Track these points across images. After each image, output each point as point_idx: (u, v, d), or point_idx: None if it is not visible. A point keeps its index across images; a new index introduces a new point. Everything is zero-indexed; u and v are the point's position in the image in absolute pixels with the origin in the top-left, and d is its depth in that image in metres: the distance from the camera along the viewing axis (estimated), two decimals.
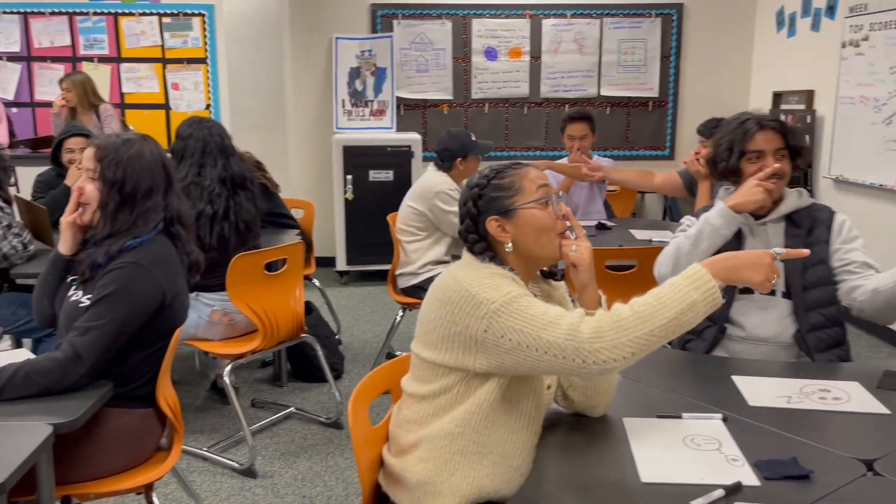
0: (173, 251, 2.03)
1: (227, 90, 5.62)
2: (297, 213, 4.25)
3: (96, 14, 5.69)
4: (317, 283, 4.33)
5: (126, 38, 5.74)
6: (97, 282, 1.89)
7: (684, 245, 2.18)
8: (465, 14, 6.00)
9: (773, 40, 5.83)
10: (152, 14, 5.71)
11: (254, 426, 3.29)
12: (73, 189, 1.99)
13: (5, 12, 5.65)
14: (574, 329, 1.37)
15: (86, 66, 5.67)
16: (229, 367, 2.95)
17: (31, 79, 5.76)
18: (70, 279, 2.02)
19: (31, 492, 1.66)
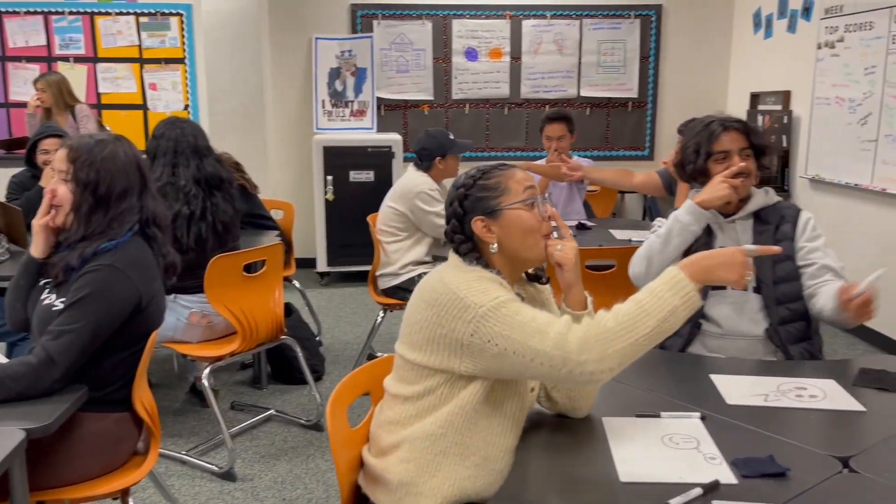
0: (149, 253, 2.01)
1: (205, 90, 5.58)
2: (276, 214, 4.23)
3: (72, 13, 5.62)
4: (297, 284, 4.30)
5: (102, 37, 5.67)
6: (71, 285, 1.87)
7: (656, 244, 2.25)
8: (446, 15, 5.99)
9: (750, 41, 5.89)
10: (129, 14, 5.65)
11: (233, 429, 3.26)
12: (46, 191, 1.96)
13: None
14: (562, 339, 1.36)
15: (61, 66, 5.60)
16: (208, 370, 2.93)
17: (6, 79, 5.67)
18: (43, 282, 1.99)
19: (4, 498, 1.64)
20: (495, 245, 1.53)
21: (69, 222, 1.94)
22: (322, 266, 5.74)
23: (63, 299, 1.87)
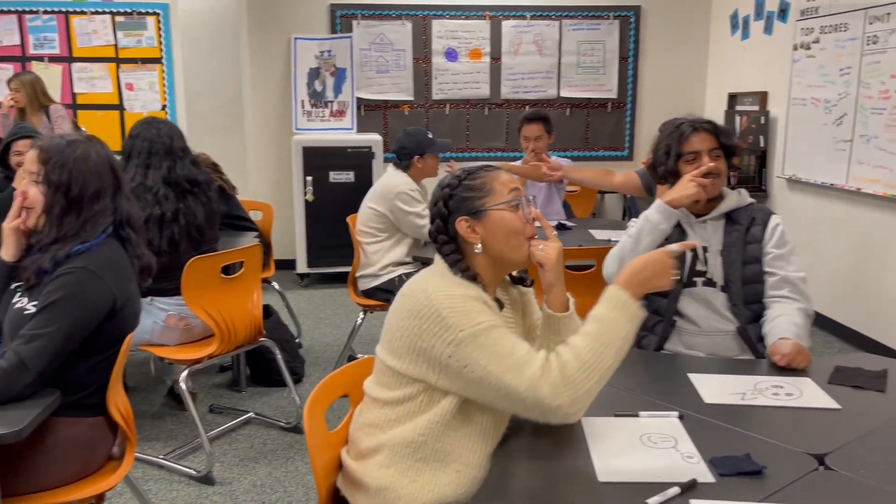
0: (124, 255, 1.98)
1: (183, 91, 5.53)
2: (255, 216, 4.20)
3: (46, 12, 5.55)
4: (276, 286, 4.27)
5: (78, 36, 5.60)
6: (43, 288, 1.83)
7: (627, 244, 2.28)
8: (425, 15, 5.99)
9: (727, 43, 5.94)
10: (105, 13, 5.58)
11: (212, 432, 3.23)
12: (16, 193, 1.92)
13: None
14: (535, 383, 1.37)
15: (36, 66, 5.52)
16: (185, 373, 2.90)
17: None
18: (14, 286, 1.95)
19: None
20: (479, 246, 1.53)
21: (41, 224, 1.91)
22: (302, 267, 5.71)
23: (35, 303, 1.84)
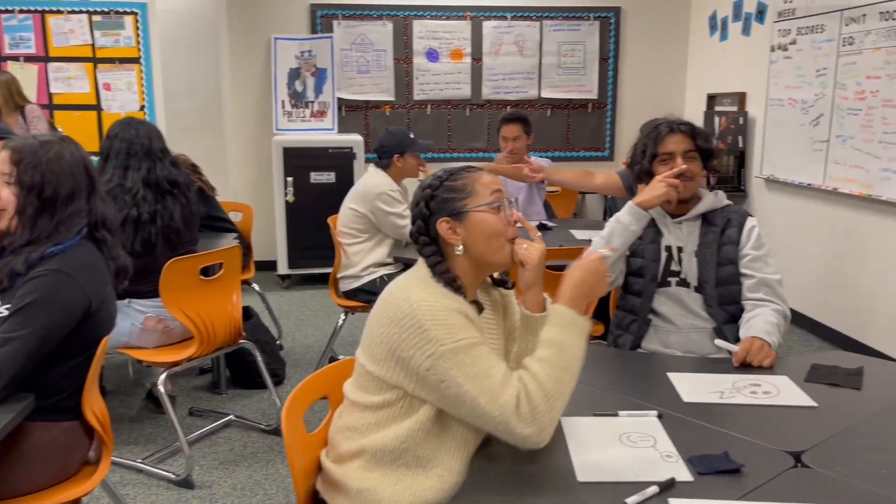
0: (99, 257, 1.95)
1: (161, 91, 5.48)
2: (235, 217, 4.17)
3: (22, 11, 5.47)
4: (257, 287, 4.25)
5: (54, 36, 5.52)
6: (16, 291, 1.80)
7: (598, 245, 2.28)
8: (406, 15, 5.98)
9: (706, 44, 5.99)
10: (81, 12, 5.51)
11: (191, 435, 3.20)
12: None
13: None
14: (508, 412, 1.37)
15: (11, 66, 5.44)
16: (164, 376, 2.87)
17: None
18: None
19: None
20: (460, 247, 1.52)
21: (13, 226, 1.88)
22: (283, 269, 5.67)
23: (8, 306, 1.81)
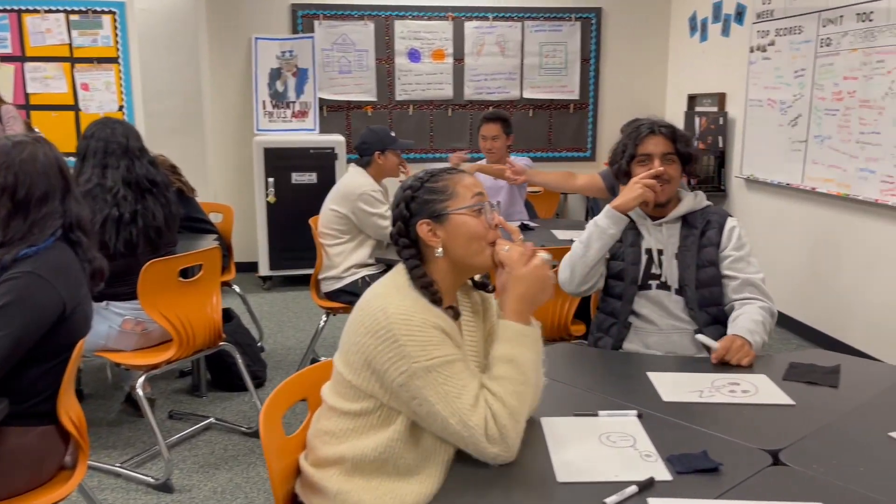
0: (74, 259, 1.93)
1: (140, 91, 5.42)
2: (215, 218, 4.14)
3: None
4: (237, 289, 4.22)
5: (30, 35, 5.45)
6: None
7: (577, 250, 2.27)
8: (388, 15, 5.97)
9: (686, 45, 6.03)
10: (58, 11, 5.44)
11: (171, 439, 3.17)
12: None
13: None
14: (478, 433, 1.38)
15: None
16: (142, 379, 2.84)
17: None
18: None
19: None
20: (440, 250, 1.50)
21: None
22: (264, 270, 5.64)
23: None
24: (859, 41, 3.98)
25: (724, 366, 1.96)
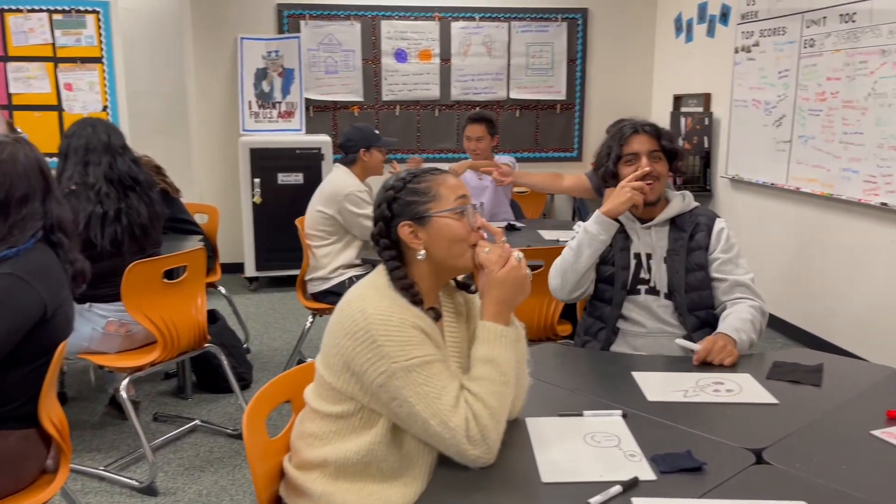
0: (55, 261, 1.91)
1: (124, 91, 5.38)
2: (200, 219, 4.11)
3: None
4: (223, 290, 4.19)
5: (13, 35, 5.39)
6: None
7: (568, 257, 2.25)
8: (374, 15, 5.95)
9: (672, 45, 6.05)
10: (41, 10, 5.39)
11: (156, 441, 3.15)
12: None
13: None
14: (459, 435, 1.37)
15: None
16: (126, 381, 2.81)
17: None
18: None
19: None
20: (422, 252, 1.49)
21: None
22: (250, 271, 5.61)
23: None
24: (842, 42, 4.01)
25: (709, 365, 1.97)
